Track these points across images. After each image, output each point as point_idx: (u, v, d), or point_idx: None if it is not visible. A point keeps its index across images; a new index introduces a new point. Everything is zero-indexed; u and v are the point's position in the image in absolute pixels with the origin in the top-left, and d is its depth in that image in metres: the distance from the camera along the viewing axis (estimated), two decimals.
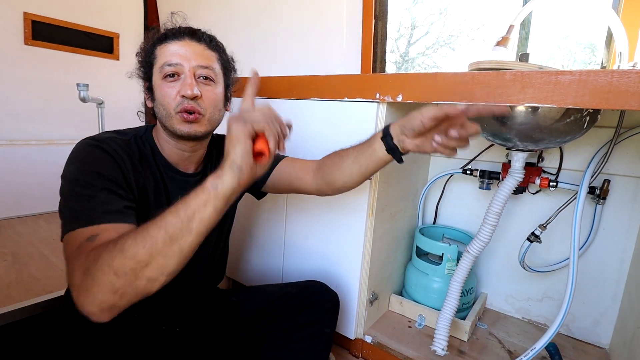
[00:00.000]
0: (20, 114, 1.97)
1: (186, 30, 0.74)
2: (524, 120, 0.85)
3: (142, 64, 0.77)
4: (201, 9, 2.21)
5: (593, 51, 2.22)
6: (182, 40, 0.73)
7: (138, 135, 0.77)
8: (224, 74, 0.79)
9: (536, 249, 1.19)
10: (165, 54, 0.72)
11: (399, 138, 0.73)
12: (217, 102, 0.76)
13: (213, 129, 0.79)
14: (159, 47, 0.73)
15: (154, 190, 0.75)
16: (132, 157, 0.71)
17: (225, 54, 0.81)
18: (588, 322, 1.16)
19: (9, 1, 1.88)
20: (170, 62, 0.71)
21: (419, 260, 1.23)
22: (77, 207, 0.60)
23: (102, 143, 0.67)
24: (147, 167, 0.75)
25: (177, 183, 0.80)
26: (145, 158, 0.75)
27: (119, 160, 0.67)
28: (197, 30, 0.76)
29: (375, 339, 1.10)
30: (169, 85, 0.71)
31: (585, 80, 0.68)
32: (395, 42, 3.82)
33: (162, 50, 0.73)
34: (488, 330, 1.19)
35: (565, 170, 1.13)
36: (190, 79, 0.71)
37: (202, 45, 0.74)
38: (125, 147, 0.71)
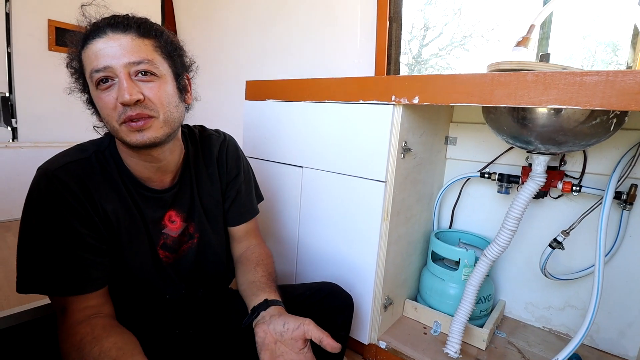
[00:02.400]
0: (43, 116, 2.03)
1: (105, 22, 0.61)
2: (546, 123, 0.82)
3: (74, 75, 0.65)
4: (216, 14, 2.24)
5: (614, 50, 2.14)
6: (104, 35, 0.59)
7: (100, 150, 0.68)
8: (169, 62, 0.66)
9: (558, 256, 1.15)
10: (90, 58, 0.60)
11: (262, 323, 0.69)
12: (168, 98, 0.64)
13: (174, 130, 0.67)
14: (83, 51, 0.61)
15: (125, 213, 0.68)
16: (90, 183, 0.64)
17: (164, 36, 0.66)
18: (613, 332, 1.11)
19: (34, 9, 1.95)
20: (97, 66, 0.59)
21: (435, 266, 1.21)
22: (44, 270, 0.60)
23: (51, 181, 0.60)
24: (113, 187, 0.67)
25: (150, 201, 0.72)
26: (110, 177, 0.67)
27: (75, 202, 0.61)
28: (120, 17, 0.63)
29: (390, 344, 1.08)
30: (105, 93, 0.60)
31: (613, 81, 0.66)
32: (408, 44, 3.79)
33: (87, 53, 0.60)
34: (507, 339, 1.15)
35: (589, 174, 1.08)
36: (126, 81, 0.59)
37: (130, 35, 0.61)
38: (83, 170, 0.64)
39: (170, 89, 0.65)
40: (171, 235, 0.77)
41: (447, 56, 3.11)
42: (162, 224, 0.75)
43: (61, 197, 0.60)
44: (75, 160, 0.64)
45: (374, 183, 1.01)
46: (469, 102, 0.83)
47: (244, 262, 0.87)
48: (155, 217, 0.74)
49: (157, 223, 0.74)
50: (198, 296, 0.86)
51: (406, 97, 0.91)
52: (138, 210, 0.70)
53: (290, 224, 1.24)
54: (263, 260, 0.86)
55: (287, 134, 1.20)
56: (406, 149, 1.01)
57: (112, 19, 0.61)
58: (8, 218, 1.77)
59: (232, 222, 0.89)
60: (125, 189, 0.69)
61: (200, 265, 0.83)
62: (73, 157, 0.65)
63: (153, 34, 0.64)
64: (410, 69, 3.49)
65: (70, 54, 0.64)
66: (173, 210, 0.77)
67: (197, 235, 0.81)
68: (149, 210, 0.72)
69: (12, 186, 1.78)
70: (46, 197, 0.60)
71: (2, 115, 1.92)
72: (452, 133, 1.29)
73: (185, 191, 0.78)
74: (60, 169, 0.61)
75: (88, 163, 0.65)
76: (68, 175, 0.61)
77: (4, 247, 1.43)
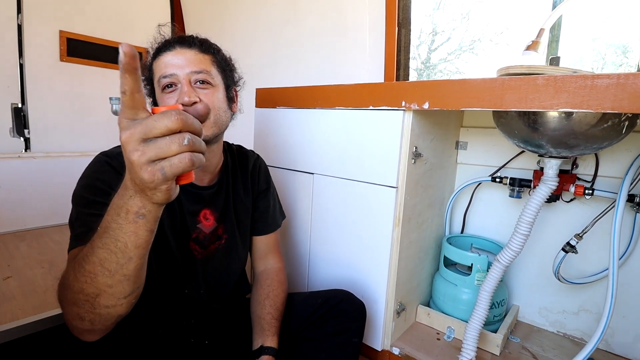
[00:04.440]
0: (55, 127, 2.07)
1: (175, 39, 0.75)
2: (558, 126, 0.82)
3: (145, 82, 0.77)
4: (227, 22, 2.26)
5: (625, 53, 2.13)
6: (173, 49, 0.74)
7: None
8: (222, 75, 0.79)
9: (571, 260, 1.14)
10: (160, 67, 0.73)
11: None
12: (219, 103, 0.76)
13: (221, 131, 0.78)
14: (155, 62, 0.75)
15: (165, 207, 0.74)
16: None
17: (220, 54, 0.81)
18: (629, 337, 1.10)
19: (46, 21, 1.99)
20: (165, 73, 0.72)
21: (447, 271, 1.20)
22: (77, 227, 0.63)
23: (112, 159, 0.68)
24: None
25: (190, 195, 0.79)
26: None
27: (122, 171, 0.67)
28: (187, 36, 0.76)
29: (403, 351, 1.08)
30: (168, 96, 0.73)
31: (624, 84, 0.66)
32: (417, 49, 3.80)
33: (157, 63, 0.74)
34: (521, 344, 1.14)
35: (601, 177, 1.08)
36: (187, 87, 0.71)
37: (194, 51, 0.74)
38: None
39: (221, 96, 0.77)
40: (204, 231, 0.83)
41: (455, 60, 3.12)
42: (197, 219, 0.82)
43: (117, 173, 0.66)
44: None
45: (385, 189, 1.01)
46: (479, 107, 0.83)
47: (257, 287, 0.93)
48: (192, 210, 0.81)
49: (193, 216, 0.81)
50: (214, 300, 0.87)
51: (416, 103, 0.92)
52: (178, 201, 0.78)
53: (302, 230, 1.25)
54: (274, 291, 0.91)
55: (298, 141, 1.21)
56: (417, 155, 1.01)
57: (180, 37, 0.75)
58: (21, 228, 1.80)
59: (258, 231, 0.96)
60: None
61: (224, 268, 0.87)
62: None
63: (211, 50, 0.78)
64: (419, 74, 3.50)
65: (145, 63, 0.77)
66: (208, 209, 0.83)
67: (225, 237, 0.87)
68: (187, 203, 0.79)
69: (25, 196, 1.80)
70: (104, 166, 0.68)
71: (15, 125, 1.95)
72: (463, 138, 1.29)
73: (221, 193, 0.86)
74: (116, 156, 0.69)
75: None
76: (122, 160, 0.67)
77: (18, 258, 1.45)
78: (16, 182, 1.78)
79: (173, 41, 0.75)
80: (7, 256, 1.46)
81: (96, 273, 0.48)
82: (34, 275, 1.28)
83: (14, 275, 1.28)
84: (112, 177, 0.66)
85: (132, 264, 0.48)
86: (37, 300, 1.12)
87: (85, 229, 0.61)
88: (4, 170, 1.74)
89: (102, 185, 0.65)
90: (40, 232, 1.80)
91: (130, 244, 0.46)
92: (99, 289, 0.48)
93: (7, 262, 1.40)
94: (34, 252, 1.51)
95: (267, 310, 0.86)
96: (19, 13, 1.90)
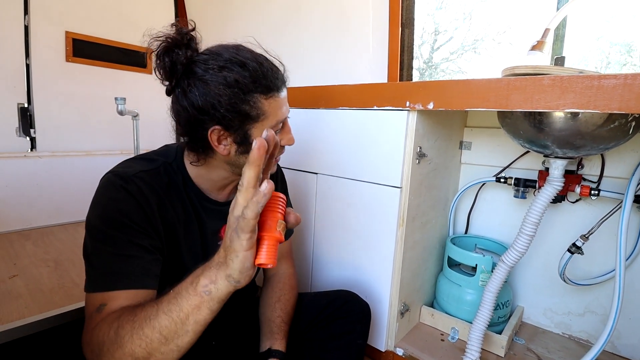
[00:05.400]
0: (61, 126, 2.08)
1: (283, 79, 0.70)
2: (564, 127, 0.82)
3: (229, 115, 0.63)
4: (229, 22, 2.27)
5: (629, 51, 2.11)
6: (283, 89, 0.69)
7: (168, 162, 0.72)
8: None
9: (577, 261, 1.13)
10: (275, 109, 0.67)
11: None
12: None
13: None
14: (265, 100, 0.65)
15: (184, 223, 0.72)
16: (160, 191, 0.67)
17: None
18: (635, 339, 1.09)
19: (52, 21, 2.00)
20: (282, 116, 0.68)
21: (451, 271, 1.20)
22: (96, 264, 0.60)
23: (128, 183, 0.63)
24: (178, 198, 0.71)
25: (211, 213, 0.76)
26: (176, 188, 0.71)
27: (144, 203, 0.63)
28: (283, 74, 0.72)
29: (407, 352, 1.08)
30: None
31: (631, 84, 0.65)
32: (419, 49, 3.80)
33: (271, 104, 0.66)
34: (526, 346, 1.13)
35: (607, 177, 1.07)
36: (289, 128, 0.71)
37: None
38: (154, 179, 0.67)
39: None
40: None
41: (458, 60, 3.11)
42: (218, 236, 0.78)
43: (134, 200, 0.62)
44: (147, 170, 0.67)
45: (389, 189, 1.01)
46: (484, 107, 0.83)
47: (269, 289, 0.91)
48: (215, 228, 0.77)
49: (215, 234, 0.78)
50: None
51: (421, 103, 0.92)
52: (199, 220, 0.74)
53: (306, 230, 1.25)
54: (285, 295, 0.89)
55: (302, 141, 1.21)
56: (421, 155, 1.01)
57: (284, 77, 0.71)
58: (27, 227, 1.81)
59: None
60: (189, 200, 0.72)
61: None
62: (144, 166, 0.68)
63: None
64: (421, 74, 3.49)
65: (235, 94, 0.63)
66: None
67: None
68: (210, 221, 0.75)
69: (31, 195, 1.82)
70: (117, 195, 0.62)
71: (21, 125, 1.97)
72: (467, 138, 1.29)
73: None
74: (135, 176, 0.64)
75: (157, 173, 0.68)
76: (142, 182, 0.64)
77: (24, 256, 1.46)
78: (22, 181, 1.79)
79: (282, 80, 0.70)
80: (13, 255, 1.47)
81: (153, 339, 0.48)
82: (40, 274, 1.29)
83: (19, 274, 1.29)
84: (130, 206, 0.62)
85: (187, 338, 0.49)
86: (43, 298, 1.13)
87: (106, 270, 0.58)
88: (10, 170, 1.76)
89: (120, 217, 0.60)
90: (45, 230, 1.81)
91: (190, 317, 0.48)
92: (150, 353, 0.49)
93: (13, 260, 1.41)
94: (39, 251, 1.52)
95: (277, 314, 0.85)
96: (26, 14, 1.92)
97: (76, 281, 1.25)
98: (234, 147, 0.67)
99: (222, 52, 0.65)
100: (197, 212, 0.74)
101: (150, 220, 0.63)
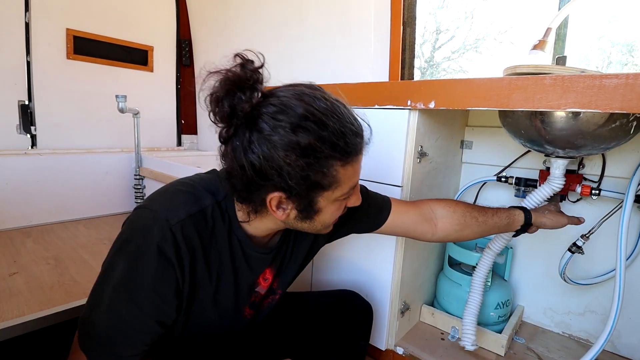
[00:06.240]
0: (62, 124, 2.08)
1: (367, 137, 0.60)
2: (565, 126, 0.82)
3: (296, 185, 0.53)
4: (231, 21, 2.27)
5: (630, 51, 2.11)
6: (360, 155, 0.59)
7: (217, 201, 0.61)
8: None
9: (577, 261, 1.13)
10: (351, 175, 0.58)
11: (538, 218, 0.88)
12: None
13: None
14: (341, 167, 0.55)
15: (217, 278, 0.63)
16: (201, 243, 0.58)
17: None
18: (635, 338, 1.09)
19: (53, 18, 2.00)
20: (356, 182, 0.61)
21: (452, 270, 1.20)
22: (105, 328, 0.54)
23: (166, 242, 0.53)
24: (218, 247, 0.62)
25: (252, 261, 0.67)
26: (220, 235, 0.61)
27: (179, 270, 0.55)
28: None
29: (407, 350, 1.08)
30: (342, 202, 0.61)
31: (633, 84, 0.65)
32: (420, 47, 3.79)
33: (348, 171, 0.56)
34: (526, 345, 1.13)
35: (608, 177, 1.07)
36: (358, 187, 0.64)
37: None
38: (198, 226, 0.58)
39: None
40: (260, 293, 0.73)
41: (459, 59, 3.10)
42: (256, 282, 0.71)
43: (169, 269, 0.54)
44: (194, 214, 0.57)
45: (390, 188, 1.01)
46: (486, 107, 0.82)
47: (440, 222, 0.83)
48: (251, 279, 0.70)
49: (253, 283, 0.71)
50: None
51: (422, 102, 0.92)
52: (235, 272, 0.65)
53: None
54: (447, 202, 0.85)
55: None
56: (422, 154, 1.01)
57: (364, 133, 0.60)
58: (27, 224, 1.81)
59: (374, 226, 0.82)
60: (230, 249, 0.63)
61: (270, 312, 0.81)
62: (190, 208, 0.57)
63: None
64: (423, 73, 3.48)
65: (318, 165, 0.53)
66: (269, 267, 0.72)
67: (279, 292, 0.77)
68: (247, 271, 0.67)
69: (31, 193, 1.82)
70: (155, 259, 0.53)
71: (22, 123, 1.97)
72: (468, 137, 1.29)
73: (283, 244, 0.74)
74: (178, 225, 0.55)
75: (204, 218, 0.59)
76: (182, 235, 0.55)
77: (24, 253, 1.46)
78: (22, 178, 1.79)
79: (363, 140, 0.59)
80: (13, 252, 1.47)
81: None
82: (40, 272, 1.29)
83: (20, 271, 1.29)
84: (162, 276, 0.54)
85: None
86: (43, 296, 1.13)
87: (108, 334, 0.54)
88: (11, 167, 1.76)
89: (148, 289, 0.53)
90: (46, 228, 1.81)
91: None
92: None
93: (13, 258, 1.41)
94: (39, 248, 1.52)
95: (463, 209, 0.84)
96: (27, 11, 1.91)
97: (76, 279, 1.25)
98: (294, 212, 0.59)
99: (293, 103, 0.51)
100: (235, 262, 0.65)
101: (178, 290, 0.57)
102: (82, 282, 1.22)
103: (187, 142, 2.64)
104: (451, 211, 0.83)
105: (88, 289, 1.17)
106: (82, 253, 1.49)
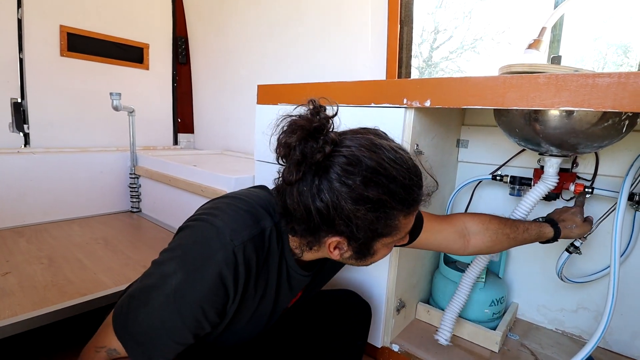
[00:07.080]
0: (55, 122, 2.06)
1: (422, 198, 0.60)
2: (558, 125, 0.82)
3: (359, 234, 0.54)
4: (228, 19, 2.26)
5: (625, 52, 2.13)
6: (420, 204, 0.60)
7: (275, 223, 0.61)
8: None
9: (571, 259, 1.14)
10: (408, 223, 0.59)
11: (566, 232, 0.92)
12: None
13: None
14: (404, 218, 0.57)
15: (259, 298, 0.64)
16: (255, 266, 0.59)
17: None
18: (626, 334, 1.10)
19: (46, 15, 1.98)
20: (410, 228, 0.61)
21: (447, 268, 1.21)
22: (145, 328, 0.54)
23: (227, 264, 0.54)
24: (268, 270, 0.63)
25: (295, 283, 0.68)
26: (272, 258, 0.62)
27: (232, 291, 0.56)
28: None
29: (403, 347, 1.08)
30: (394, 243, 0.62)
31: (625, 83, 0.66)
32: (418, 47, 3.80)
33: (408, 220, 0.59)
34: (520, 342, 1.15)
35: (601, 176, 1.08)
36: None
37: None
38: (256, 248, 0.58)
39: None
40: (287, 308, 0.76)
41: (457, 59, 3.12)
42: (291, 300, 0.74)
43: (223, 291, 0.55)
44: (256, 236, 0.58)
45: None
46: (481, 105, 0.83)
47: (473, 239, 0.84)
48: (286, 302, 0.72)
49: (289, 301, 0.73)
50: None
51: (418, 100, 0.92)
52: (276, 295, 0.67)
53: None
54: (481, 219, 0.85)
55: None
56: (418, 152, 1.01)
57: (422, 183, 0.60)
58: (20, 224, 1.79)
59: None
60: (278, 272, 0.65)
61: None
62: (253, 229, 0.58)
63: None
64: (421, 72, 3.49)
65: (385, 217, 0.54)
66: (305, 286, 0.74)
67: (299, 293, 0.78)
68: (287, 293, 0.69)
69: (24, 192, 1.80)
70: (212, 280, 0.54)
71: (15, 121, 1.95)
72: (464, 136, 1.29)
73: (322, 268, 0.75)
74: (241, 247, 0.55)
75: (262, 240, 0.59)
76: (243, 256, 0.56)
77: (17, 253, 1.44)
78: (15, 177, 1.77)
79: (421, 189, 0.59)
80: (6, 252, 1.45)
81: None
82: (33, 271, 1.28)
83: (12, 271, 1.28)
84: (215, 298, 0.55)
85: None
86: (36, 296, 1.12)
87: (148, 332, 0.54)
88: (3, 166, 1.74)
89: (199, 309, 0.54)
90: (39, 227, 1.79)
91: None
92: None
93: (6, 257, 1.39)
94: (33, 248, 1.51)
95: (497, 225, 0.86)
96: (19, 7, 1.89)
97: (70, 279, 1.24)
98: (349, 253, 0.59)
99: (364, 155, 0.52)
100: (280, 285, 0.66)
101: (223, 311, 0.58)
102: (76, 282, 1.22)
103: (183, 141, 2.64)
104: (484, 228, 0.85)
105: (82, 289, 1.17)
106: (76, 253, 1.48)
